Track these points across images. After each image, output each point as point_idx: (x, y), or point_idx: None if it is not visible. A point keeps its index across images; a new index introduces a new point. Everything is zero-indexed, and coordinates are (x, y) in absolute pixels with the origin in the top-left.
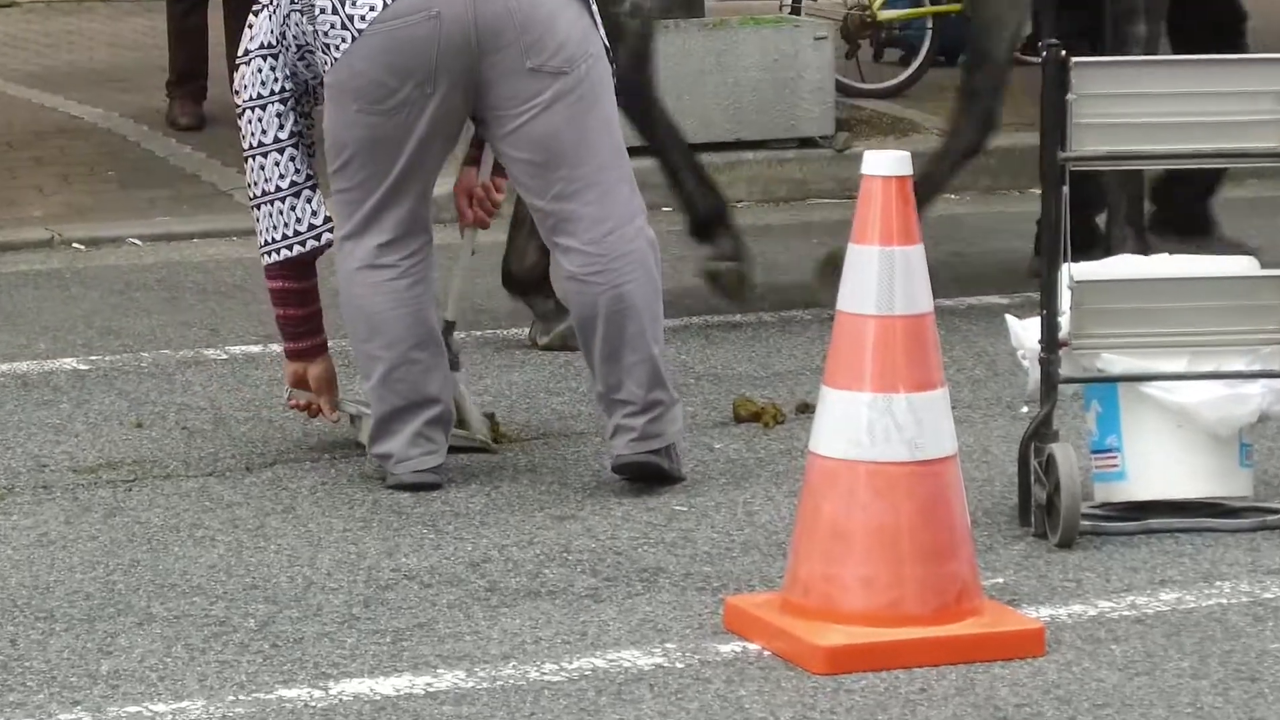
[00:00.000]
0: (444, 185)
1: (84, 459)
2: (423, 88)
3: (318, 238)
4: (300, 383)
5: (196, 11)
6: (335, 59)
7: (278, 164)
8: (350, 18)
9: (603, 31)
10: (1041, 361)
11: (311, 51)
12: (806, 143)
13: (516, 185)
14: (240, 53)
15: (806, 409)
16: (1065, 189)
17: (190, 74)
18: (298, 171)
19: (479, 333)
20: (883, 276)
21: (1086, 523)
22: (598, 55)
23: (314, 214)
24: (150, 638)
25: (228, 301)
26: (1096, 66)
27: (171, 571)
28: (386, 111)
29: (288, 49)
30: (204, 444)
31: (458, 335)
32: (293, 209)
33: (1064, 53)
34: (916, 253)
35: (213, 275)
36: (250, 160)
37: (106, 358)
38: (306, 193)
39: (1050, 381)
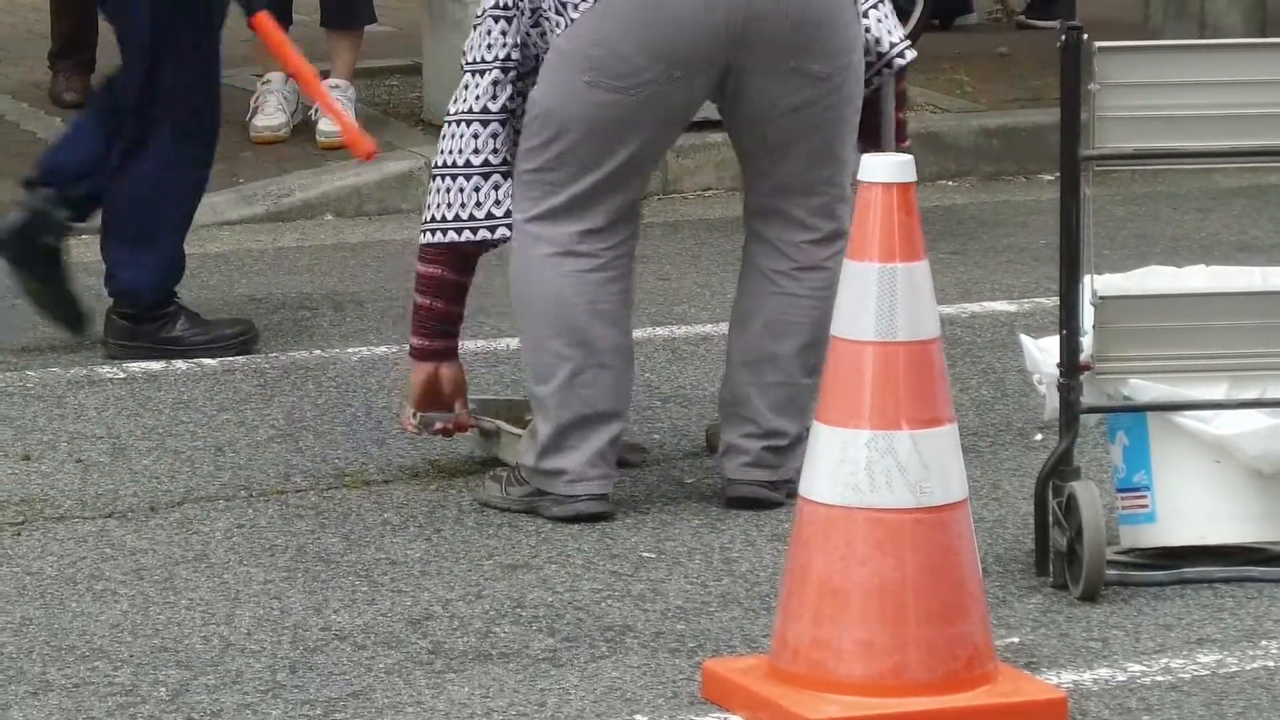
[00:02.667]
0: None
1: None
2: (673, 72)
3: (493, 230)
4: (430, 389)
5: None
6: (572, 19)
7: (477, 136)
8: None
9: (863, 27)
10: (1061, 388)
11: (545, 15)
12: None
13: (740, 159)
14: (478, 12)
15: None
16: (1088, 191)
17: (76, 44)
18: (495, 152)
19: None
20: (883, 297)
21: (1113, 572)
22: (858, 60)
23: (497, 204)
24: (47, 710)
25: None
26: (1123, 52)
27: (69, 631)
28: (623, 90)
29: (522, 13)
30: (101, 479)
31: None
32: (477, 190)
33: (1085, 35)
34: (921, 269)
35: None
36: (448, 125)
37: None
38: (497, 178)
39: (1071, 411)
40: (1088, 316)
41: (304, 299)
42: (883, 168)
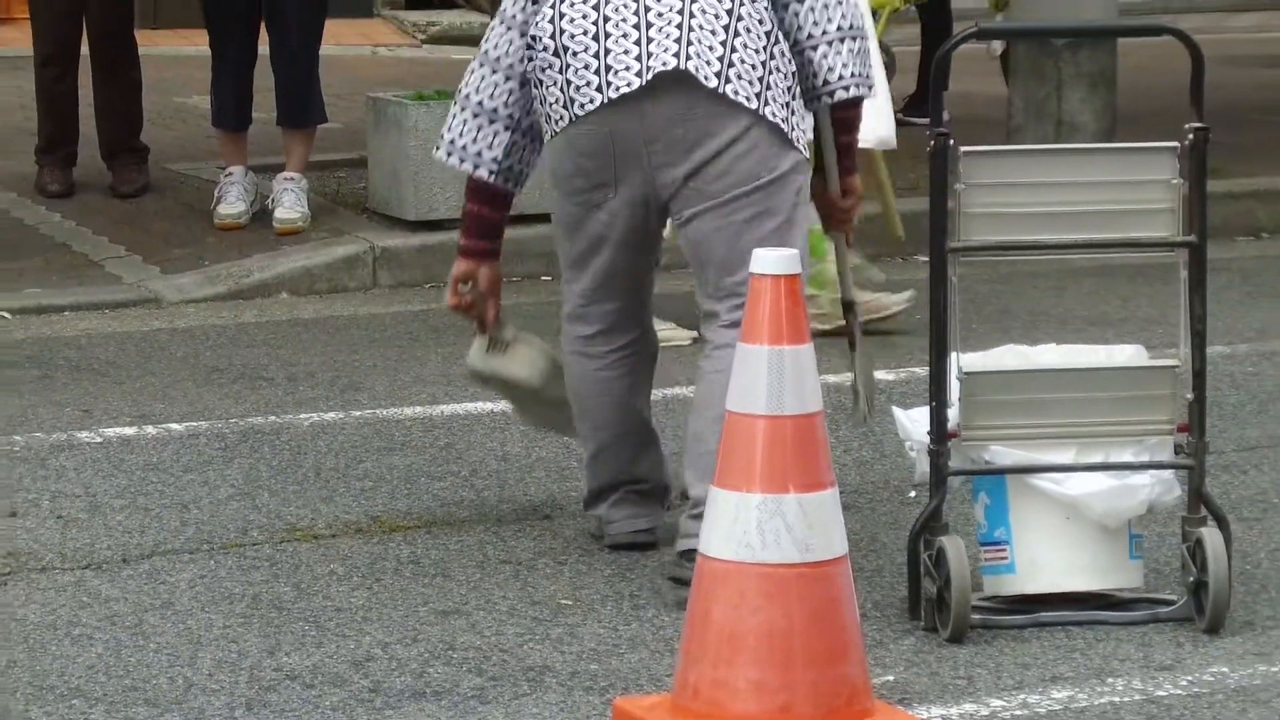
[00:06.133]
0: None
1: None
2: (604, 190)
3: (479, 168)
4: (467, 279)
5: (66, 76)
6: (545, 140)
7: (495, 85)
8: (549, 116)
9: (802, 141)
10: (931, 453)
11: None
12: None
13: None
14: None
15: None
16: (954, 279)
17: (60, 140)
18: (505, 105)
19: (357, 413)
20: (772, 376)
21: (977, 616)
22: (779, 175)
23: (490, 147)
24: None
25: (101, 380)
26: (985, 155)
27: (49, 672)
28: (578, 203)
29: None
30: (79, 534)
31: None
32: (479, 129)
33: (951, 140)
34: (806, 351)
35: (85, 351)
36: (473, 64)
37: None
38: (499, 126)
39: (939, 473)
40: (954, 390)
41: (261, 369)
42: (771, 261)
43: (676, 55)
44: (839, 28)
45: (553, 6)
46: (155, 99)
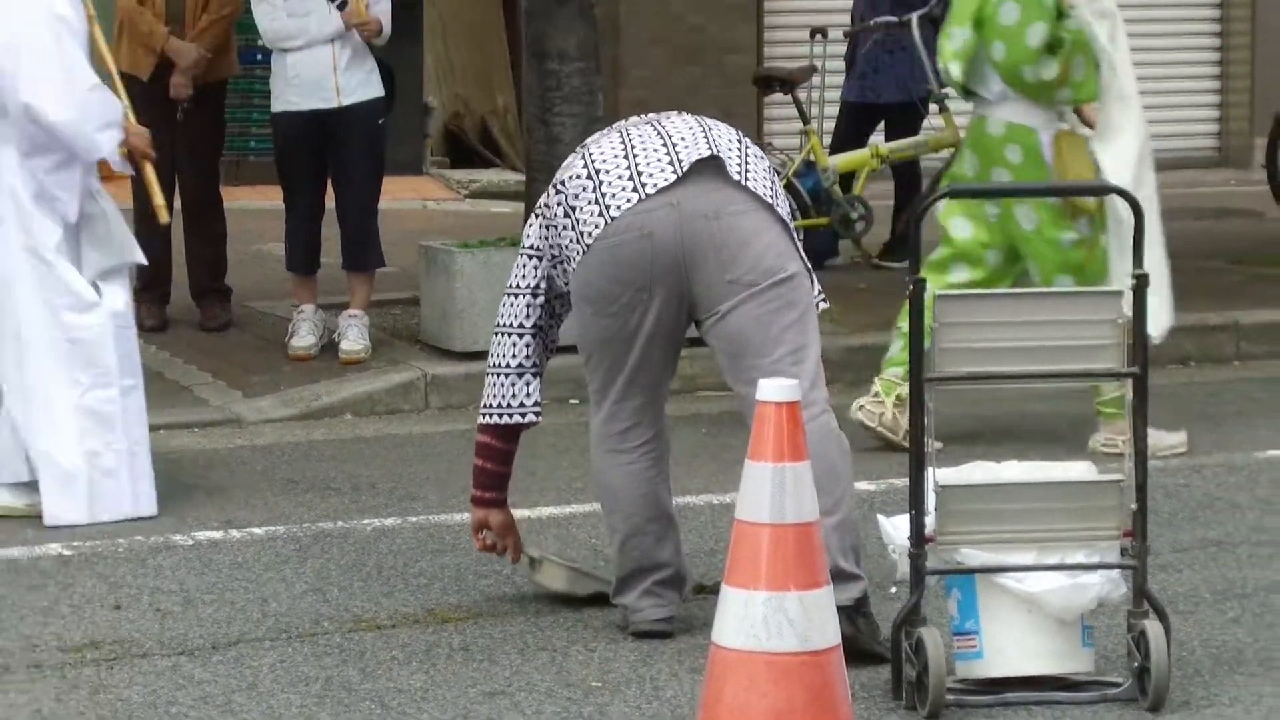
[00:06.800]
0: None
1: (70, 639)
2: (640, 294)
3: (524, 415)
4: (482, 528)
5: (161, 227)
6: (573, 270)
7: (515, 345)
8: (581, 234)
9: (803, 254)
10: (910, 555)
11: (559, 263)
12: (695, 342)
13: (721, 372)
14: (523, 246)
15: (702, 590)
16: (930, 405)
17: (155, 281)
18: (528, 358)
19: (413, 518)
20: (775, 490)
21: (951, 696)
22: (794, 274)
23: (528, 396)
24: None
25: (193, 491)
26: (956, 298)
27: None
28: (611, 314)
29: (544, 256)
30: (175, 624)
31: None
32: (513, 386)
33: (927, 285)
34: (804, 468)
35: (177, 465)
36: (495, 335)
37: (87, 543)
38: (528, 377)
39: (918, 573)
40: (931, 500)
41: (329, 480)
42: (775, 390)
43: (708, 146)
44: None
45: (582, 148)
46: (237, 246)
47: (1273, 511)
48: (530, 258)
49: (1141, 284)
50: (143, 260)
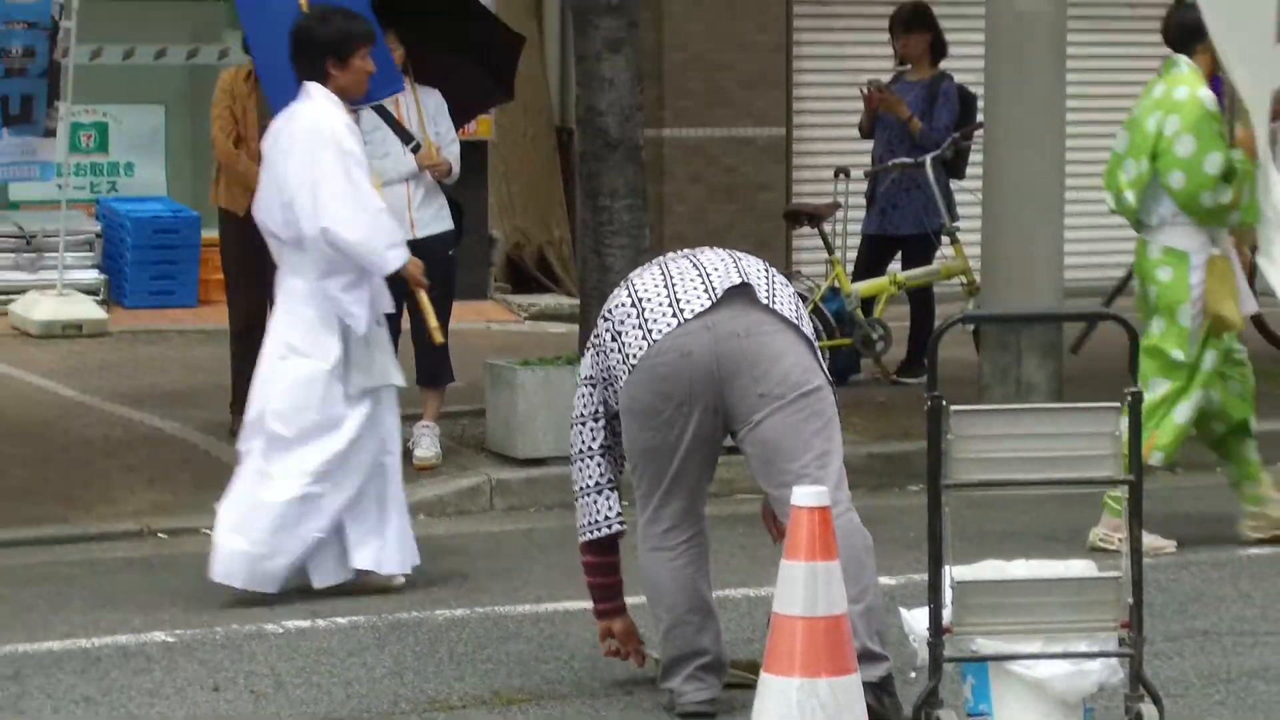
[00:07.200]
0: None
1: (173, 717)
2: (681, 408)
3: (610, 527)
4: (608, 635)
5: (253, 345)
6: (621, 388)
7: (587, 467)
8: (627, 356)
9: (826, 369)
10: (929, 644)
11: (610, 385)
12: (732, 450)
13: (754, 476)
14: (579, 379)
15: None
16: (947, 510)
17: (248, 395)
18: (602, 475)
19: (480, 609)
20: (809, 586)
21: None
22: (818, 386)
23: (610, 508)
24: None
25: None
26: (971, 413)
27: None
28: (654, 426)
29: (598, 382)
30: (267, 704)
31: None
32: (594, 503)
33: (944, 401)
34: (835, 567)
35: None
36: (572, 462)
37: (188, 631)
38: (606, 492)
39: (936, 660)
40: (948, 595)
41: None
42: (808, 496)
43: (739, 275)
44: None
45: (626, 281)
46: None
47: (1253, 604)
48: (587, 386)
49: (1136, 399)
50: (402, 383)
